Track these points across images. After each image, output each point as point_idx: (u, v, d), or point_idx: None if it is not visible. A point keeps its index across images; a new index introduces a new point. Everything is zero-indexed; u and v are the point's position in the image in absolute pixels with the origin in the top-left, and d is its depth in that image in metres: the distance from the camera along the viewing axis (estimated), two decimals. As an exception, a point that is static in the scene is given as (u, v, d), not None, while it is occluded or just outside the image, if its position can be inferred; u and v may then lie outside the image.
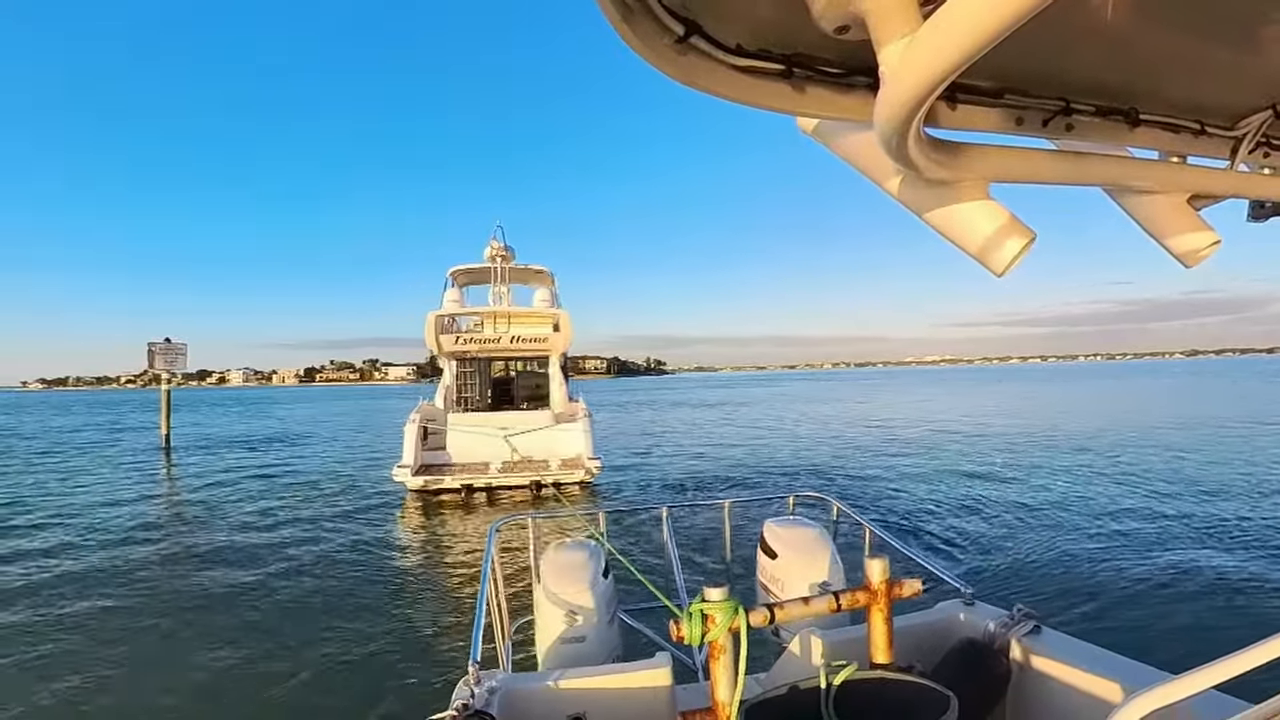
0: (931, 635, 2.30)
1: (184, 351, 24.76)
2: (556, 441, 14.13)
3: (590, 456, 13.55)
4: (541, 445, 14.09)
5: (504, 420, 14.79)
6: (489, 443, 13.97)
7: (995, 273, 1.04)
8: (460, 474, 13.16)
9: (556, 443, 14.11)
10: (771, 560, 3.16)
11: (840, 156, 1.21)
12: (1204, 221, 1.33)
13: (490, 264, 16.33)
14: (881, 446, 20.86)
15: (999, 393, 57.28)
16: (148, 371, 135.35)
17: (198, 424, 40.27)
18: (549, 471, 13.14)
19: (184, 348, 24.80)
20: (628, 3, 0.82)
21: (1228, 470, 13.79)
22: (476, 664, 2.08)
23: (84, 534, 11.06)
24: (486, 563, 2.86)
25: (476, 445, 14.00)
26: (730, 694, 1.60)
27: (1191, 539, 8.73)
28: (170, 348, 24.36)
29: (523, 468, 13.48)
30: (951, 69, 0.69)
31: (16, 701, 5.16)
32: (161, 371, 24.11)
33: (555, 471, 13.17)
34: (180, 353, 24.58)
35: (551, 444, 14.09)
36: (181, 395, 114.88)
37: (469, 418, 14.97)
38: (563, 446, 14.01)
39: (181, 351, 24.63)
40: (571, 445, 13.97)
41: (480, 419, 14.93)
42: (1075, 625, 5.75)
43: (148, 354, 24.18)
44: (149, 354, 24.16)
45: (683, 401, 58.05)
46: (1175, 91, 1.19)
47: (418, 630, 6.44)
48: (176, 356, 24.47)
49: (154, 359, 24.12)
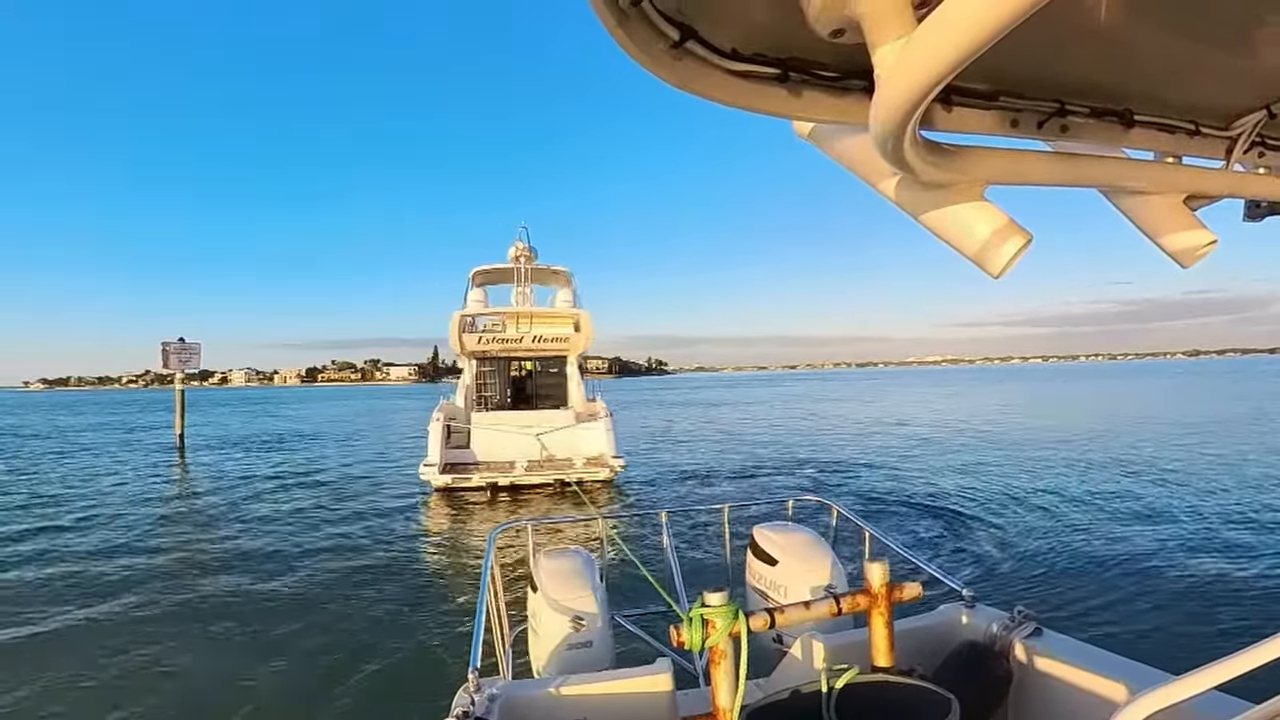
0: (932, 638, 2.30)
1: (198, 351, 24.92)
2: (580, 440, 14.38)
3: (614, 455, 13.74)
4: (565, 444, 14.32)
5: (527, 419, 15.00)
6: (514, 441, 14.17)
7: (992, 274, 1.05)
8: (486, 472, 13.34)
9: (580, 441, 14.37)
10: (769, 566, 3.17)
11: (836, 160, 1.22)
12: (1200, 221, 1.34)
13: (512, 264, 16.45)
14: (886, 446, 21.11)
15: (1001, 392, 57.55)
16: (149, 372, 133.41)
17: (209, 424, 40.35)
18: (574, 470, 13.33)
19: (198, 347, 24.97)
20: (623, 8, 0.82)
21: (1231, 470, 13.82)
22: (476, 671, 2.06)
23: (110, 535, 11.18)
24: (486, 570, 2.84)
25: (502, 444, 14.19)
26: (731, 699, 1.60)
27: (1193, 539, 8.73)
28: (184, 347, 24.53)
29: (548, 466, 13.65)
30: (946, 71, 0.70)
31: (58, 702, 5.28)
32: (175, 371, 24.24)
33: (580, 470, 13.38)
34: (194, 352, 24.74)
35: (575, 442, 14.33)
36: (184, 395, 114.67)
37: (493, 417, 15.17)
38: (586, 445, 14.27)
39: (196, 351, 24.79)
40: (594, 444, 14.21)
41: (504, 418, 15.13)
42: (1077, 627, 5.70)
43: (161, 354, 24.33)
44: (163, 354, 24.31)
45: (687, 401, 58.01)
46: (1170, 92, 1.20)
47: (426, 634, 6.50)
48: (191, 356, 24.63)
49: (168, 359, 24.28)
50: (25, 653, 6.25)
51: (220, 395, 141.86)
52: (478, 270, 17.10)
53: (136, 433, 34.23)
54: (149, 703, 5.23)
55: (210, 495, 15.15)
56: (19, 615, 7.22)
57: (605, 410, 15.05)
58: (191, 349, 24.65)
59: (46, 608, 7.48)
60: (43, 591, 8.15)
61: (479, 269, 17.11)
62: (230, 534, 11.11)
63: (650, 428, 30.48)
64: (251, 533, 11.17)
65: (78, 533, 11.32)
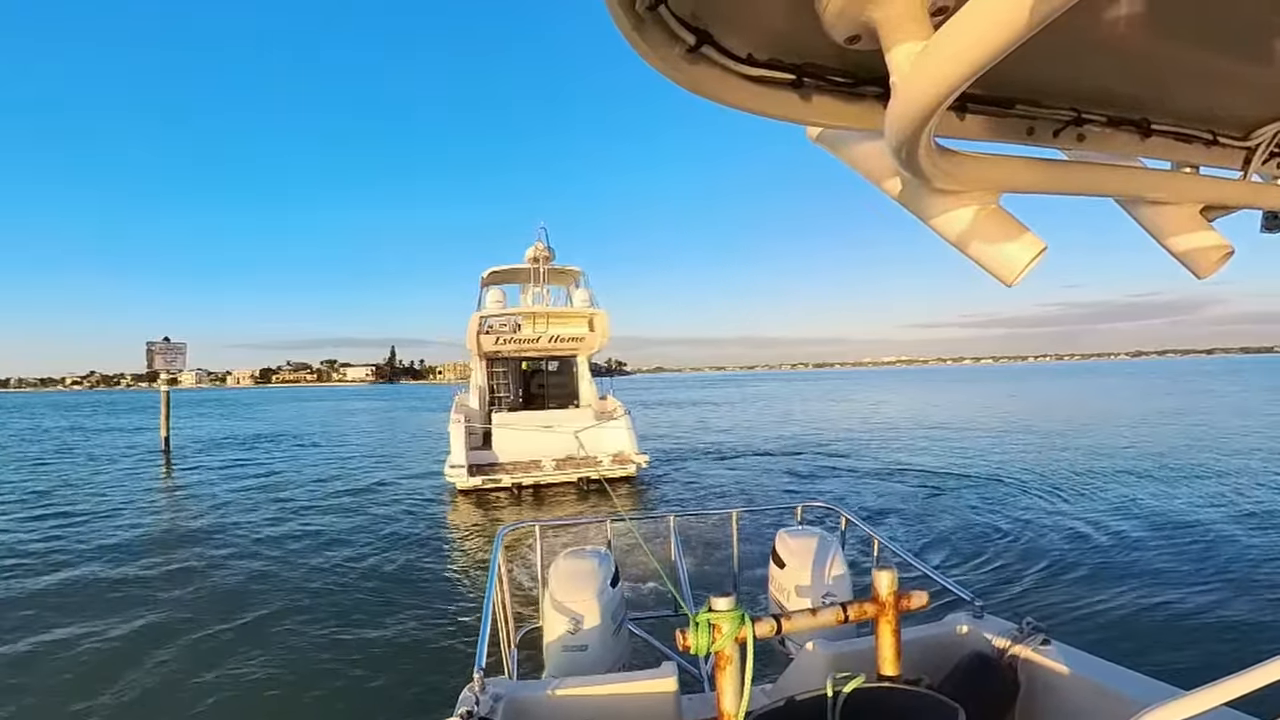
0: (940, 647, 2.28)
1: (184, 351, 24.33)
2: (603, 438, 14.52)
3: (637, 452, 13.92)
4: (588, 441, 14.44)
5: (547, 418, 15.08)
6: (538, 440, 14.22)
7: (1006, 283, 1.04)
8: (515, 472, 13.39)
9: (602, 439, 14.49)
10: (780, 570, 3.18)
11: (848, 164, 1.22)
12: (1216, 232, 1.31)
13: (528, 265, 16.48)
14: (880, 445, 21.65)
15: (946, 391, 59.00)
16: (94, 373, 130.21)
17: (175, 429, 39.05)
18: (601, 468, 13.47)
19: (183, 347, 24.38)
20: (639, 13, 0.83)
21: (1246, 479, 13.33)
22: (481, 671, 2.06)
23: (112, 536, 11.08)
24: (493, 570, 2.83)
25: (526, 443, 14.24)
26: (736, 704, 1.58)
27: (1208, 550, 8.50)
28: (170, 347, 23.91)
29: (574, 464, 13.76)
30: (962, 79, 0.70)
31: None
32: (162, 371, 23.61)
33: (607, 467, 13.53)
34: (180, 352, 24.14)
35: (598, 440, 14.46)
36: (133, 398, 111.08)
37: (514, 417, 15.19)
38: (609, 442, 14.42)
39: (182, 351, 24.20)
40: (617, 441, 14.37)
41: (525, 418, 15.19)
42: (1086, 638, 5.51)
43: (146, 354, 23.70)
44: (148, 354, 23.68)
45: (671, 402, 57.95)
46: (1187, 102, 1.19)
47: (435, 633, 6.56)
48: (176, 356, 24.03)
49: (153, 359, 23.65)
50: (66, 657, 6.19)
51: (175, 397, 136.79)
52: (491, 271, 17.09)
53: (104, 435, 33.13)
54: (150, 703, 5.31)
55: (210, 496, 14.95)
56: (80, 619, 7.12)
57: (622, 408, 15.25)
58: (177, 348, 24.03)
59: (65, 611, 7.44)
60: (60, 596, 8.07)
61: (491, 270, 17.09)
62: (231, 534, 11.02)
63: (650, 429, 30.56)
64: (254, 533, 11.09)
65: (81, 537, 11.12)
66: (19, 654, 6.25)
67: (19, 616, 7.28)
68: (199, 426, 39.00)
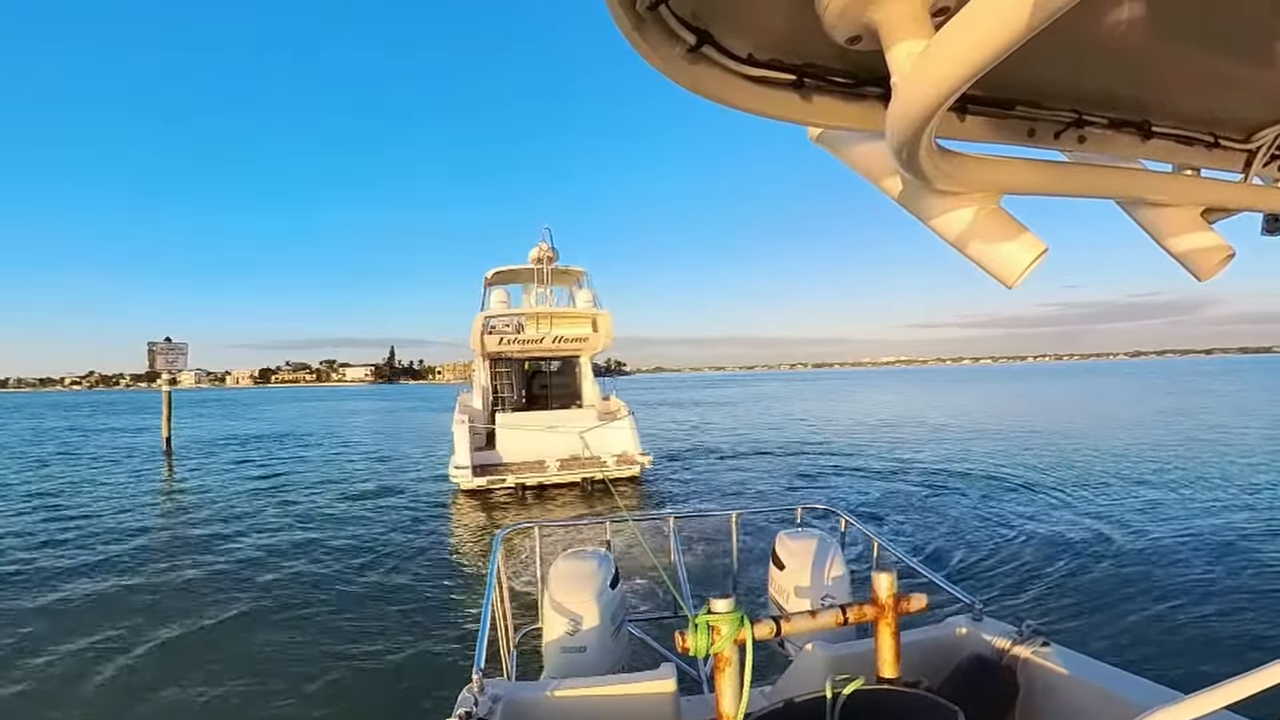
0: (939, 650, 2.27)
1: (185, 351, 24.46)
2: (607, 438, 14.56)
3: (641, 452, 13.97)
4: (593, 442, 14.49)
5: (551, 419, 15.12)
6: (543, 440, 14.27)
7: (1007, 284, 1.04)
8: (520, 472, 13.41)
9: (606, 439, 14.54)
10: (780, 571, 3.18)
11: (848, 165, 1.21)
12: (1217, 234, 1.30)
13: (531, 265, 16.50)
14: (879, 446, 21.67)
15: (954, 392, 58.97)
16: (93, 373, 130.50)
17: (175, 429, 39.09)
18: (605, 468, 13.51)
19: (185, 347, 24.50)
20: (640, 13, 0.83)
21: (1246, 479, 13.27)
22: (480, 672, 2.06)
23: (114, 538, 11.12)
24: (492, 571, 2.83)
25: (530, 443, 14.27)
26: (735, 706, 1.57)
27: (1210, 553, 8.45)
28: (171, 347, 24.01)
29: (579, 465, 13.78)
30: (963, 80, 0.70)
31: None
32: (164, 371, 23.70)
33: (611, 468, 13.56)
34: (182, 352, 24.26)
35: (602, 441, 14.51)
36: (133, 398, 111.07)
37: (518, 417, 15.24)
38: (613, 443, 14.47)
39: (183, 351, 24.31)
40: (620, 441, 14.43)
41: (529, 418, 15.24)
42: (1086, 641, 5.59)
43: (148, 354, 23.81)
44: (149, 354, 23.78)
45: (675, 402, 57.91)
46: (1188, 104, 1.19)
47: (436, 634, 6.59)
48: (178, 356, 24.14)
49: (155, 359, 23.77)
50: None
51: (175, 398, 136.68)
52: (495, 271, 17.12)
53: (103, 434, 33.18)
54: (150, 703, 5.33)
55: (215, 497, 14.99)
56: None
57: (626, 408, 15.29)
58: (179, 349, 24.14)
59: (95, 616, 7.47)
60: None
61: (496, 270, 17.13)
62: (237, 535, 11.06)
63: (652, 429, 30.59)
64: (259, 534, 11.11)
65: (85, 542, 11.08)
66: (19, 654, 6.30)
67: (20, 617, 7.35)
68: (199, 427, 39.02)
